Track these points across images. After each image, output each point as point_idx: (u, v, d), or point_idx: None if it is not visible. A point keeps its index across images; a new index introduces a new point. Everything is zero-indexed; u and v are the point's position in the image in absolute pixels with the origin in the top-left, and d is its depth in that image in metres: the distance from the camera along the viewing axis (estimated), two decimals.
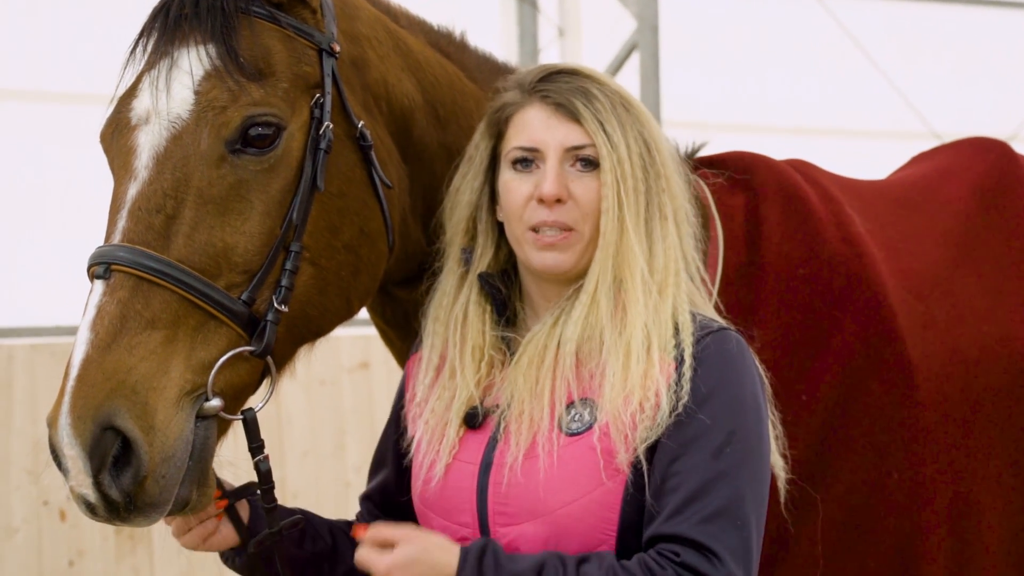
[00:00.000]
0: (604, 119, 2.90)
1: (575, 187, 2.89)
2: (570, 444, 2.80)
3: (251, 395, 2.91)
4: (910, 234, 3.70)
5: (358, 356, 8.62)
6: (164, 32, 2.92)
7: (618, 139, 2.89)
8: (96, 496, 2.66)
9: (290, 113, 2.90)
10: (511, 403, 2.87)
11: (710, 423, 2.75)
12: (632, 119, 2.92)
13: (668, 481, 2.73)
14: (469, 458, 2.90)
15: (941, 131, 9.53)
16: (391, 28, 3.25)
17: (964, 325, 3.57)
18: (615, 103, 2.92)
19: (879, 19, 11.36)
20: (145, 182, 2.82)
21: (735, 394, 2.80)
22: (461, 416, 2.92)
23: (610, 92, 2.94)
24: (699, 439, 2.74)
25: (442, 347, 3.04)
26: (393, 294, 3.35)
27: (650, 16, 8.80)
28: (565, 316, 2.90)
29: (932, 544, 3.38)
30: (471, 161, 3.06)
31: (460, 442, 2.92)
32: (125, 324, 2.71)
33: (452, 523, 2.90)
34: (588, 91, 2.93)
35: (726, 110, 10.82)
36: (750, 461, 2.78)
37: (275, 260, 2.85)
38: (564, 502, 2.77)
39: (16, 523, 7.85)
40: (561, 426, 2.82)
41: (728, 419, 2.77)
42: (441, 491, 2.92)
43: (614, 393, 2.78)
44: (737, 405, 2.79)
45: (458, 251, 3.06)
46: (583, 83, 2.94)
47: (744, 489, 2.74)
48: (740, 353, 2.86)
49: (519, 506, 2.81)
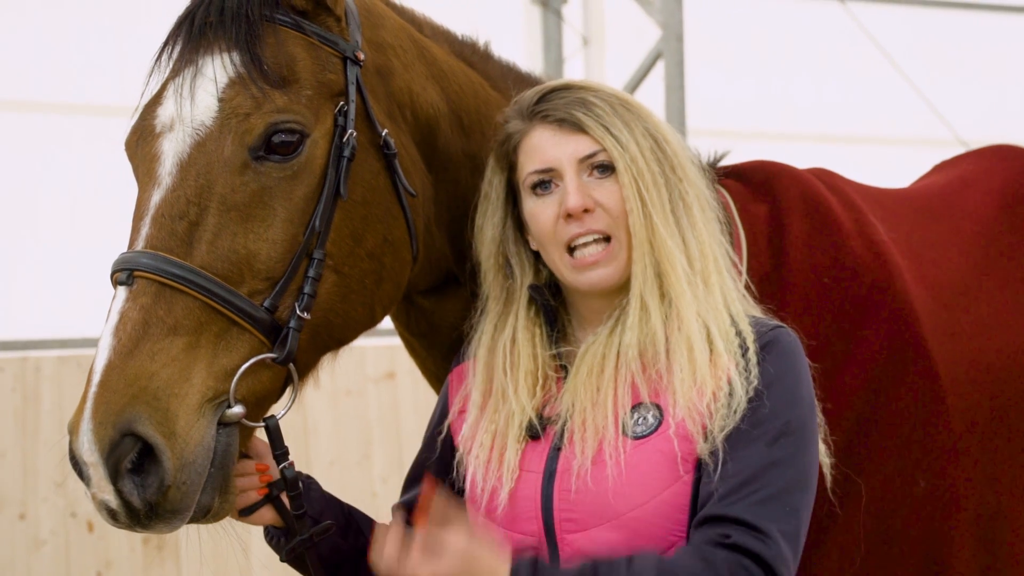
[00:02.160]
0: (608, 123, 2.91)
1: (598, 194, 2.90)
2: (637, 447, 2.81)
3: (273, 403, 2.90)
4: (933, 242, 3.69)
5: (384, 366, 8.62)
6: (189, 40, 2.93)
7: (626, 138, 2.90)
8: (118, 503, 2.66)
9: (314, 120, 2.91)
10: (573, 413, 2.87)
11: (768, 412, 2.79)
12: (634, 116, 2.95)
13: (725, 467, 2.76)
14: (531, 467, 2.90)
15: (968, 139, 9.50)
16: (415, 37, 3.26)
17: (989, 333, 3.56)
18: (614, 105, 2.95)
19: (905, 26, 11.35)
20: (169, 189, 2.82)
21: (793, 386, 2.85)
22: (519, 439, 2.91)
23: (606, 96, 2.96)
24: (758, 426, 2.79)
25: (490, 372, 3.03)
26: (417, 303, 3.35)
27: (675, 24, 8.80)
28: (620, 325, 2.91)
29: (960, 553, 3.37)
30: (487, 199, 3.08)
31: (521, 453, 2.92)
32: (147, 330, 2.71)
33: (516, 532, 2.88)
34: (585, 100, 2.95)
35: (751, 118, 10.81)
36: (802, 453, 2.82)
37: (298, 267, 2.85)
38: (634, 505, 2.78)
39: (44, 535, 7.87)
40: (626, 431, 2.83)
41: (785, 410, 2.81)
42: (508, 505, 2.90)
43: (685, 388, 2.81)
44: (794, 397, 2.84)
45: (499, 283, 3.07)
46: (578, 95, 2.96)
47: (795, 479, 2.78)
48: (797, 348, 2.91)
49: (588, 512, 2.81)
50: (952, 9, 11.70)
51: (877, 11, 11.03)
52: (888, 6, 11.36)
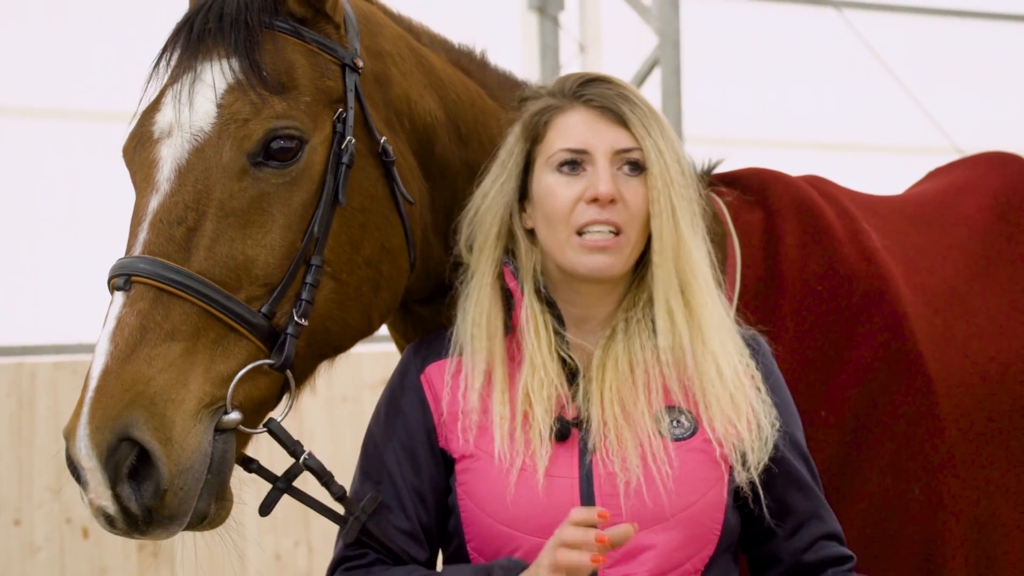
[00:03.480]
0: (648, 124, 2.92)
1: (624, 190, 2.89)
2: (680, 448, 2.85)
3: (271, 409, 2.89)
4: (927, 249, 3.69)
5: (380, 373, 8.62)
6: (188, 46, 2.93)
7: (662, 144, 2.91)
8: (115, 508, 2.66)
9: (312, 127, 2.91)
10: (605, 415, 2.85)
11: (784, 424, 2.94)
12: (665, 127, 2.97)
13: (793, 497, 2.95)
14: (563, 472, 2.84)
15: (964, 146, 9.51)
16: (414, 46, 3.26)
17: (983, 340, 3.57)
18: (650, 110, 2.96)
19: (901, 34, 11.37)
20: (167, 194, 2.82)
21: (790, 396, 3.03)
22: (549, 431, 2.86)
23: (645, 100, 2.98)
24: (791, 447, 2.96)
25: (489, 357, 2.95)
26: (414, 312, 3.34)
27: (672, 32, 8.80)
28: (641, 328, 2.91)
29: (955, 559, 3.37)
30: (504, 165, 3.01)
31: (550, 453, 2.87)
32: (144, 336, 2.71)
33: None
34: (629, 97, 2.95)
35: (748, 125, 10.83)
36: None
37: (296, 273, 2.84)
38: (686, 505, 2.81)
39: (39, 541, 7.87)
40: (663, 432, 2.85)
41: (796, 420, 3.01)
42: (536, 507, 2.84)
43: (720, 412, 2.87)
44: (792, 405, 3.03)
45: (493, 257, 3.00)
46: (621, 90, 2.97)
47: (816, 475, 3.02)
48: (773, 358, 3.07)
49: (636, 514, 2.78)
50: (949, 17, 11.72)
51: (874, 20, 11.05)
52: (885, 15, 11.39)
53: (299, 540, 8.41)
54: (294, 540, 8.40)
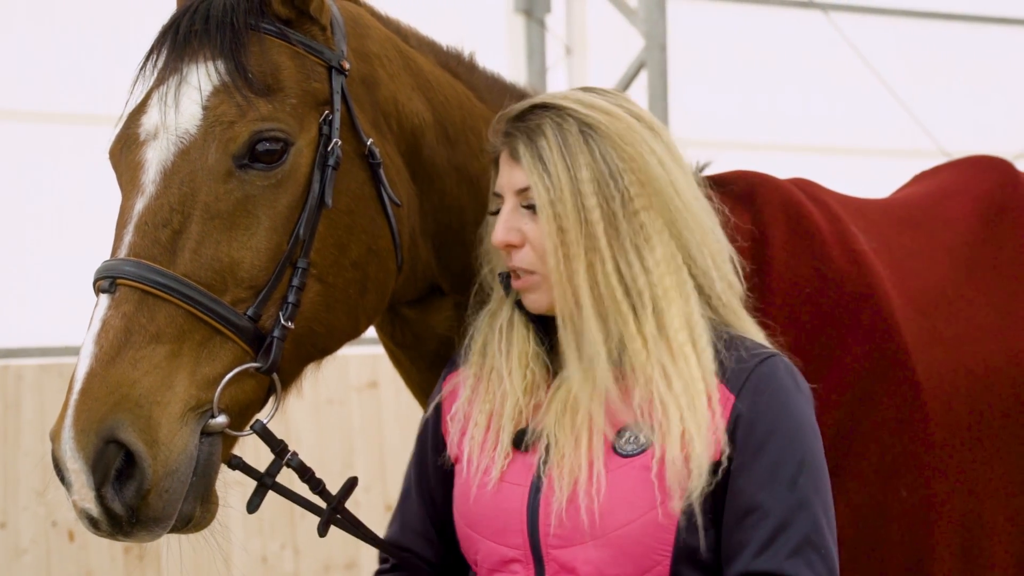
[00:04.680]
0: (545, 156, 2.84)
1: (527, 229, 2.87)
2: (625, 465, 2.78)
3: (257, 412, 2.89)
4: (914, 252, 3.70)
5: (367, 375, 8.62)
6: (173, 48, 2.93)
7: (558, 175, 2.82)
8: (99, 510, 2.65)
9: (298, 129, 2.90)
10: (555, 426, 2.84)
11: (779, 456, 2.77)
12: (595, 144, 2.84)
13: (749, 516, 2.75)
14: (517, 480, 2.87)
15: (951, 150, 9.52)
16: (401, 48, 3.25)
17: (970, 342, 3.57)
18: (571, 132, 2.85)
19: (889, 37, 11.39)
20: (152, 197, 2.82)
21: (797, 423, 2.81)
22: (513, 424, 2.89)
23: (574, 116, 2.86)
24: (774, 473, 2.75)
25: (481, 360, 3.01)
26: (402, 314, 3.34)
27: (658, 34, 8.80)
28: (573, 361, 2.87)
29: (942, 562, 3.38)
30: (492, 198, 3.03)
31: (508, 462, 2.89)
32: (130, 338, 2.70)
33: (501, 544, 2.86)
34: (540, 127, 2.86)
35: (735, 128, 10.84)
36: (821, 486, 2.81)
37: (281, 276, 2.84)
38: (621, 523, 2.75)
39: (24, 544, 7.86)
40: (615, 448, 2.80)
41: (796, 448, 2.79)
42: (489, 511, 2.88)
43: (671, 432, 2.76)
44: (801, 433, 2.81)
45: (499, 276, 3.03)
46: (540, 119, 2.88)
47: (820, 515, 2.78)
48: (793, 379, 2.87)
49: (574, 528, 2.77)
50: (935, 20, 11.74)
51: (861, 23, 11.06)
52: (872, 18, 11.40)
53: (285, 543, 8.40)
54: (280, 543, 8.39)
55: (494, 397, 2.95)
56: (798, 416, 2.82)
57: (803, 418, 2.83)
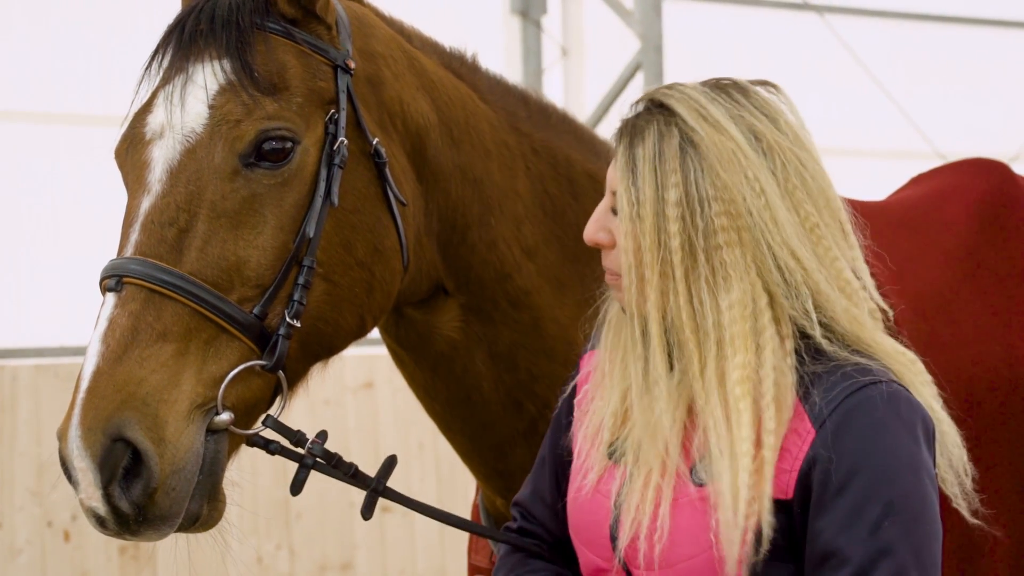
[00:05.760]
0: (637, 164, 2.67)
1: (616, 232, 2.74)
2: (697, 495, 2.62)
3: (264, 411, 2.90)
4: (912, 255, 3.70)
5: (362, 376, 8.62)
6: (179, 48, 2.94)
7: (645, 188, 2.65)
8: (106, 509, 2.65)
9: (304, 128, 2.91)
10: (637, 452, 2.71)
11: (863, 498, 2.51)
12: (691, 164, 2.64)
13: (827, 562, 2.52)
14: (605, 491, 2.76)
15: (946, 151, 9.54)
16: (406, 48, 3.27)
17: (969, 345, 3.57)
18: (671, 145, 2.66)
19: (884, 39, 11.39)
20: (158, 195, 2.82)
21: (887, 462, 2.53)
22: (610, 432, 2.78)
23: (677, 127, 2.68)
24: (855, 516, 2.51)
25: (604, 350, 2.88)
26: (407, 315, 3.34)
27: (654, 36, 8.80)
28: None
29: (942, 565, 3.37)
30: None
31: (604, 469, 2.78)
32: (136, 336, 2.71)
33: (598, 557, 2.78)
34: (642, 131, 2.69)
35: None
36: (915, 529, 2.53)
37: (287, 274, 2.85)
38: (687, 555, 2.62)
39: (20, 544, 7.85)
40: (692, 473, 2.64)
41: (884, 489, 2.52)
42: (585, 518, 2.80)
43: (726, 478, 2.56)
44: (891, 473, 2.53)
45: None
46: (650, 121, 2.70)
47: (908, 562, 2.51)
48: (890, 410, 2.57)
49: (647, 554, 2.65)
50: (931, 22, 11.75)
51: (856, 25, 11.08)
52: (867, 20, 11.41)
53: (281, 543, 8.40)
54: (276, 543, 8.39)
55: (606, 395, 2.82)
56: (890, 453, 2.54)
57: (897, 454, 2.55)
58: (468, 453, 3.50)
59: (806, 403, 2.59)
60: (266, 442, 2.91)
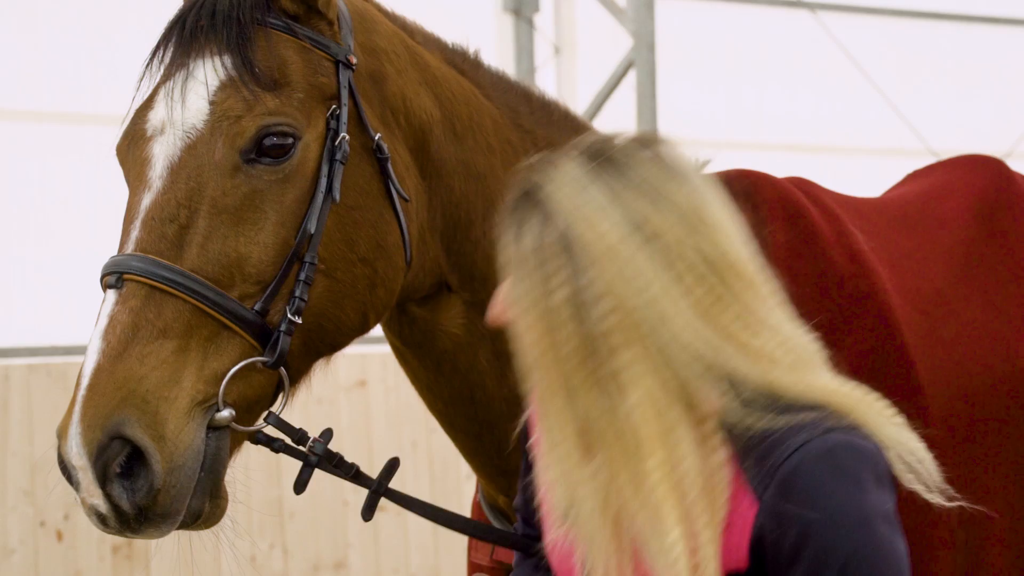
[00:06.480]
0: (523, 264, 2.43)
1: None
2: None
3: (265, 408, 2.90)
4: (911, 251, 3.70)
5: (355, 374, 8.61)
6: (180, 44, 2.93)
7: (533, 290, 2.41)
8: (107, 507, 2.65)
9: (305, 123, 2.91)
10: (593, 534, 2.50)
11: (817, 565, 2.35)
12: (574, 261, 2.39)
13: None
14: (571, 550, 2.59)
15: (938, 148, 9.54)
16: (408, 43, 3.26)
17: (968, 342, 3.57)
18: (551, 244, 2.40)
19: (876, 36, 11.40)
20: (159, 192, 2.82)
21: (834, 521, 2.36)
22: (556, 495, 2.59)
23: (554, 226, 2.41)
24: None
25: None
26: (410, 312, 3.31)
27: (647, 34, 8.80)
28: None
29: (943, 561, 3.37)
30: None
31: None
32: (137, 333, 2.71)
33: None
34: (524, 225, 2.42)
35: (723, 127, 10.85)
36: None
37: (289, 271, 2.84)
38: None
39: (13, 544, 7.84)
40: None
41: (835, 554, 2.35)
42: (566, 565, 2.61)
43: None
44: (840, 533, 2.35)
45: None
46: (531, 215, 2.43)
47: None
48: (828, 467, 2.38)
49: None
50: (923, 20, 11.75)
51: (848, 22, 11.08)
52: (859, 17, 11.41)
53: (274, 542, 8.39)
54: (269, 542, 8.38)
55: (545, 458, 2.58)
56: (837, 511, 2.36)
57: (844, 511, 2.37)
58: (471, 452, 3.48)
59: (746, 475, 2.41)
60: (269, 439, 2.91)
